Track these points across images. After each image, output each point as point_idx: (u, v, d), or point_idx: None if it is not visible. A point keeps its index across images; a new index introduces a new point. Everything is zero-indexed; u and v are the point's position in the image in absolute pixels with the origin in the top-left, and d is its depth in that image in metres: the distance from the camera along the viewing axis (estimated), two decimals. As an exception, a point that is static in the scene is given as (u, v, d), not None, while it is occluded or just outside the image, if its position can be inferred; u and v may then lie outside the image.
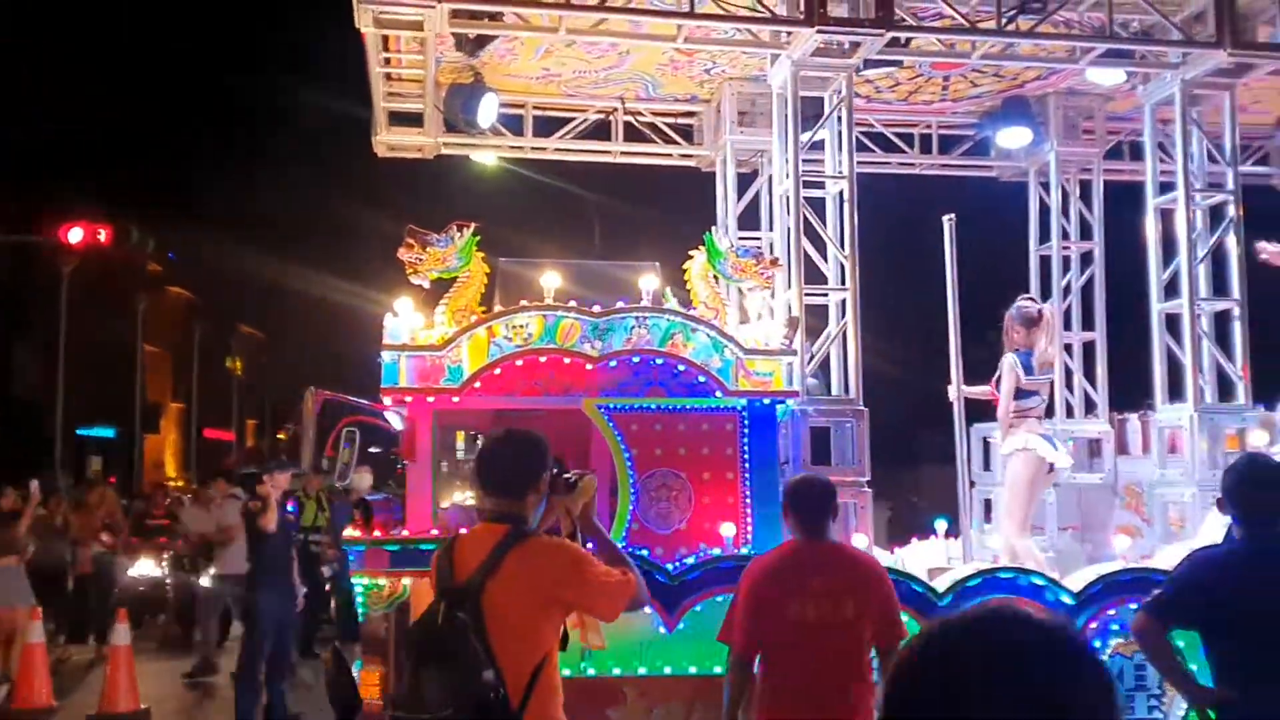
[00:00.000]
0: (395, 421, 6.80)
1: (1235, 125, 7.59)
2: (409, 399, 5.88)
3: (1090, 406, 9.15)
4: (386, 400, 6.02)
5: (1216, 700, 3.88)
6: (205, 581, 11.21)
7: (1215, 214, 7.80)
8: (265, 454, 32.79)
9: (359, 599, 5.67)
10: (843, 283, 7.04)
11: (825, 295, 7.21)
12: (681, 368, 6.07)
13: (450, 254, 6.03)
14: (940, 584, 5.97)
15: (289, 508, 9.18)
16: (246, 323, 41.25)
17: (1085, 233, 9.49)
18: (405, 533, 5.76)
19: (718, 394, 6.07)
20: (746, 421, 6.09)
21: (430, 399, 5.87)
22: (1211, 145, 7.61)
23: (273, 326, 42.28)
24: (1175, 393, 7.70)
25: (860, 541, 6.23)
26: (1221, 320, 7.62)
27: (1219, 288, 7.69)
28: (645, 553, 5.69)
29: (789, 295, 7.03)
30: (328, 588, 11.65)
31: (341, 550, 7.87)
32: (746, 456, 6.09)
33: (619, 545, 3.98)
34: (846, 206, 7.03)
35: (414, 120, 8.86)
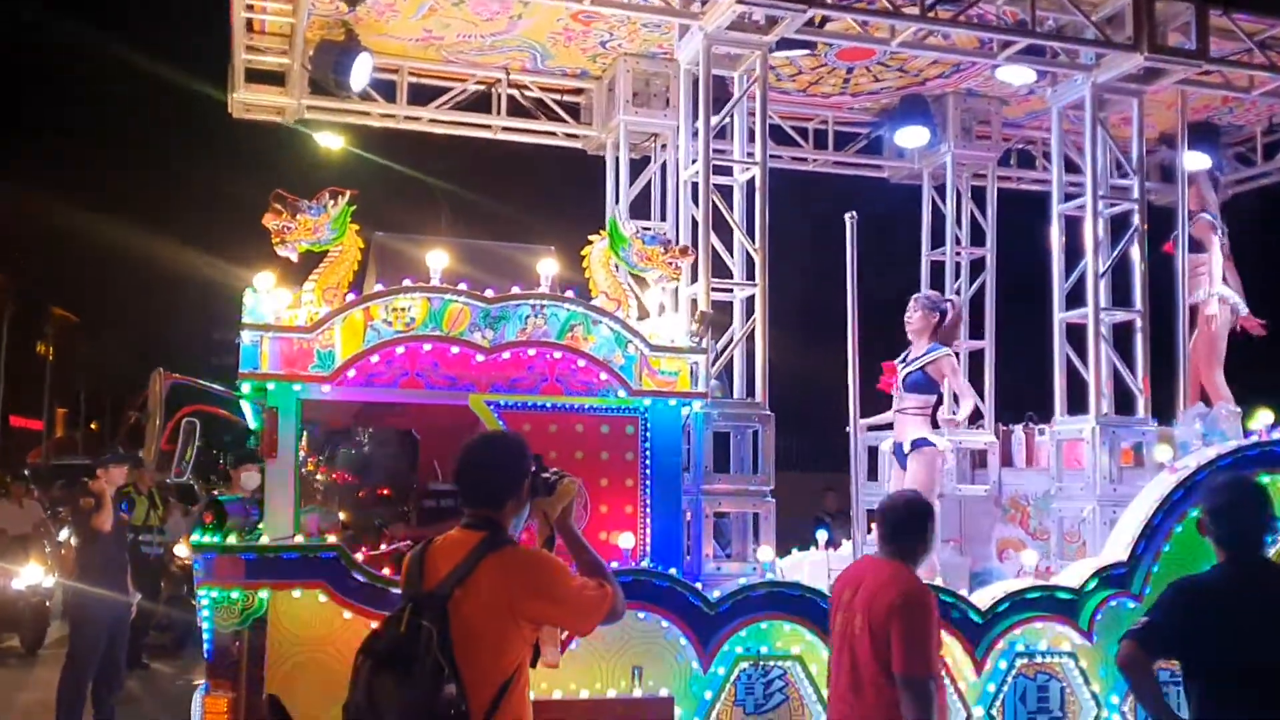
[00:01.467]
0: (249, 413, 6.06)
1: (1143, 133, 7.47)
2: (271, 386, 5.15)
3: (975, 416, 8.97)
4: (244, 386, 5.28)
5: None
6: (18, 585, 10.26)
7: (1118, 223, 7.68)
8: (80, 445, 30.75)
9: (206, 613, 4.93)
10: (750, 277, 6.59)
11: (731, 291, 6.74)
12: (581, 363, 5.51)
13: (322, 224, 5.34)
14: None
15: (121, 505, 8.39)
16: (61, 303, 38.18)
17: (977, 239, 9.35)
18: (263, 539, 5.04)
19: (619, 393, 5.55)
20: (649, 424, 5.59)
21: (296, 387, 5.16)
22: (1118, 153, 7.48)
23: (92, 306, 39.23)
24: (1072, 405, 7.54)
25: (765, 554, 5.82)
26: (1122, 332, 7.49)
27: (1120, 299, 7.56)
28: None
29: (695, 289, 6.54)
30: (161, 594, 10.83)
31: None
32: (648, 462, 5.59)
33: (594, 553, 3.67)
34: (758, 196, 6.58)
35: (276, 79, 8.05)
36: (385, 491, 7.02)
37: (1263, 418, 6.68)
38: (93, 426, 40.06)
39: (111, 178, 39.34)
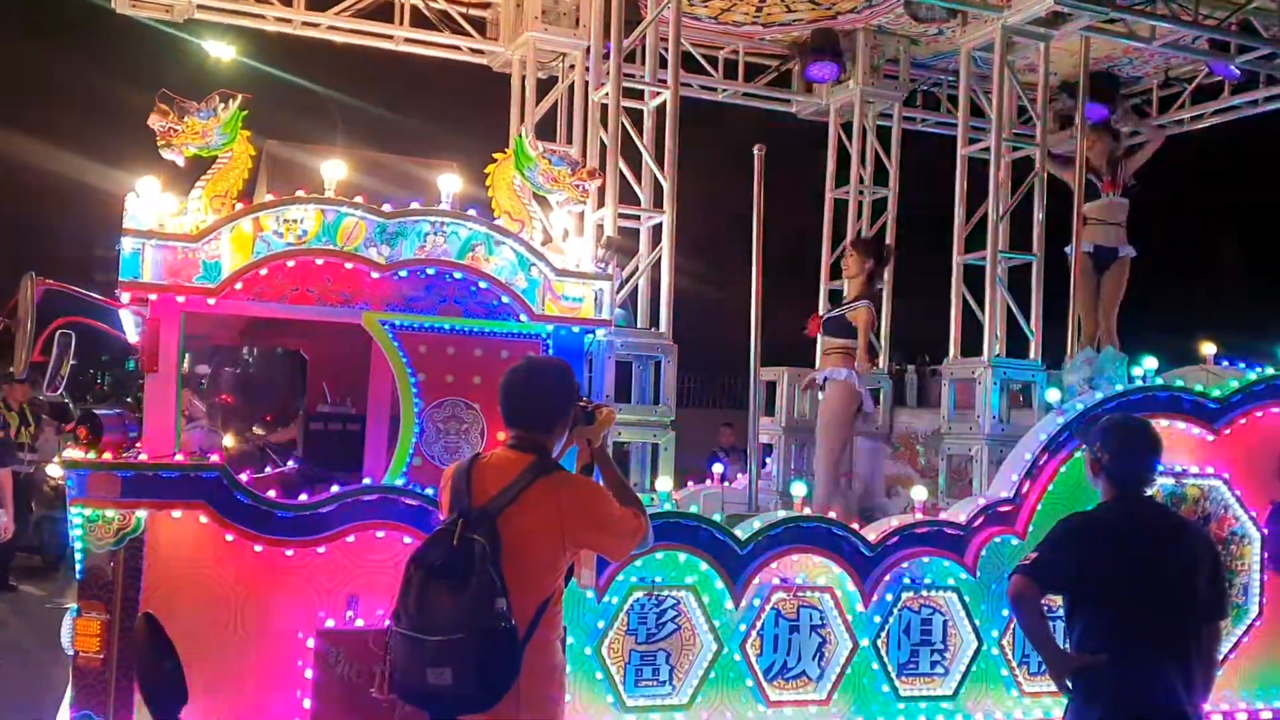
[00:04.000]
0: (130, 326, 5.77)
1: (1048, 78, 7.53)
2: (153, 297, 4.89)
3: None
4: (124, 297, 5.00)
5: (1080, 666, 3.77)
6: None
7: (1020, 168, 7.77)
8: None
9: (78, 532, 4.70)
10: (659, 205, 6.48)
11: (638, 218, 6.63)
12: (482, 285, 5.34)
13: (211, 128, 5.03)
14: (742, 532, 5.62)
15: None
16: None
17: (880, 179, 9.39)
18: (142, 456, 4.81)
19: (521, 318, 5.41)
20: (551, 351, 5.47)
21: (180, 299, 4.90)
22: (1023, 98, 7.53)
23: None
24: (966, 346, 7.65)
25: (664, 485, 5.79)
26: (1018, 276, 7.61)
27: (1018, 242, 7.66)
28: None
29: (601, 215, 6.41)
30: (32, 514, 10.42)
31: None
32: (549, 389, 5.46)
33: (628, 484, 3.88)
34: (668, 122, 6.45)
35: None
36: (269, 417, 6.82)
37: (1147, 363, 6.87)
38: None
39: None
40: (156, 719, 2.95)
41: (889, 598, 5.84)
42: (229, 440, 6.56)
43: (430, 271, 5.27)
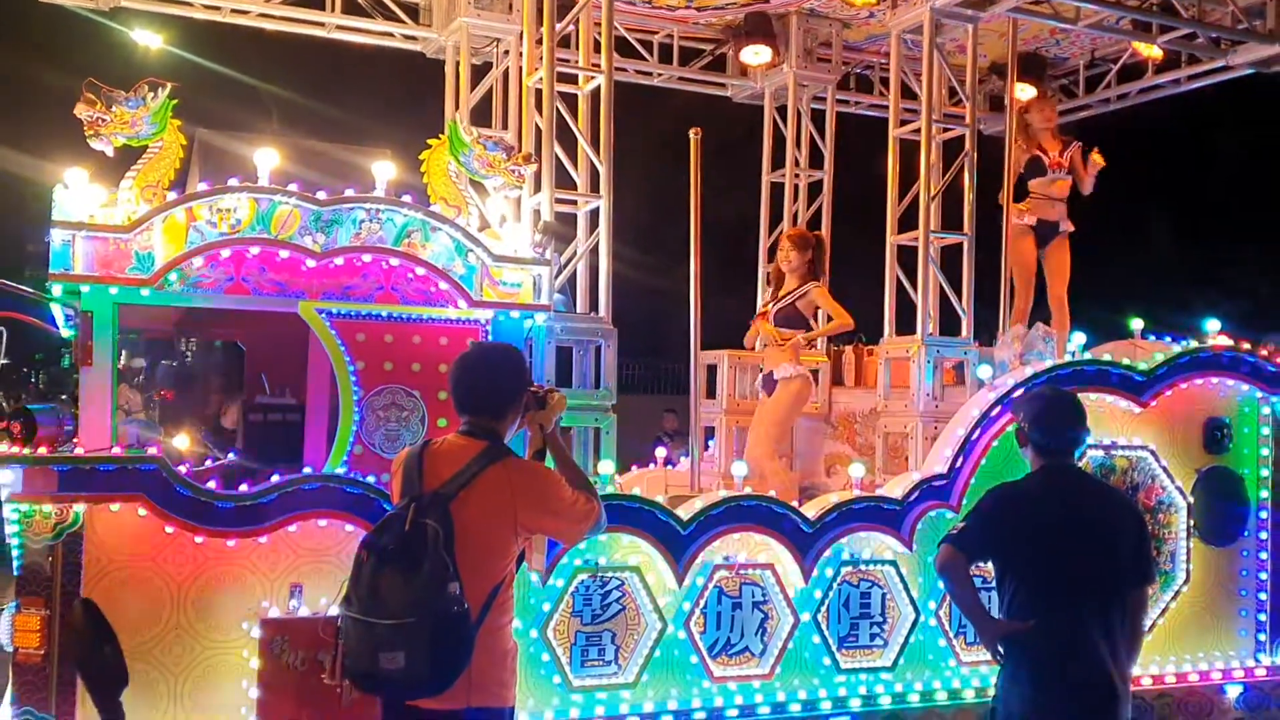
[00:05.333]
0: (61, 320, 5.70)
1: (975, 59, 7.66)
2: (85, 289, 4.84)
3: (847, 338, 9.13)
4: (56, 290, 4.94)
5: (1008, 632, 3.86)
6: None
7: (951, 149, 7.89)
8: None
9: (15, 528, 4.65)
10: (595, 189, 6.50)
11: (575, 203, 6.65)
12: (419, 271, 5.35)
13: (140, 117, 4.98)
14: (684, 512, 5.69)
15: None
16: None
17: (816, 162, 9.49)
18: (79, 450, 4.76)
19: (459, 304, 5.42)
20: (491, 337, 5.49)
21: (112, 290, 4.86)
22: (953, 79, 7.66)
23: None
24: (901, 325, 7.77)
25: (606, 469, 5.84)
26: (950, 255, 7.74)
27: (949, 222, 7.79)
28: (373, 478, 5.00)
29: (538, 200, 6.43)
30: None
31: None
32: (489, 375, 5.48)
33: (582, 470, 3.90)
34: (603, 106, 6.48)
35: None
36: (208, 410, 6.76)
37: (1075, 338, 7.04)
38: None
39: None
40: (98, 703, 2.94)
41: (829, 573, 5.94)
42: (183, 440, 6.48)
43: (366, 258, 5.26)
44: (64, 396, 12.50)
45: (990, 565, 4.28)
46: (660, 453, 8.55)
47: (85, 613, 3.04)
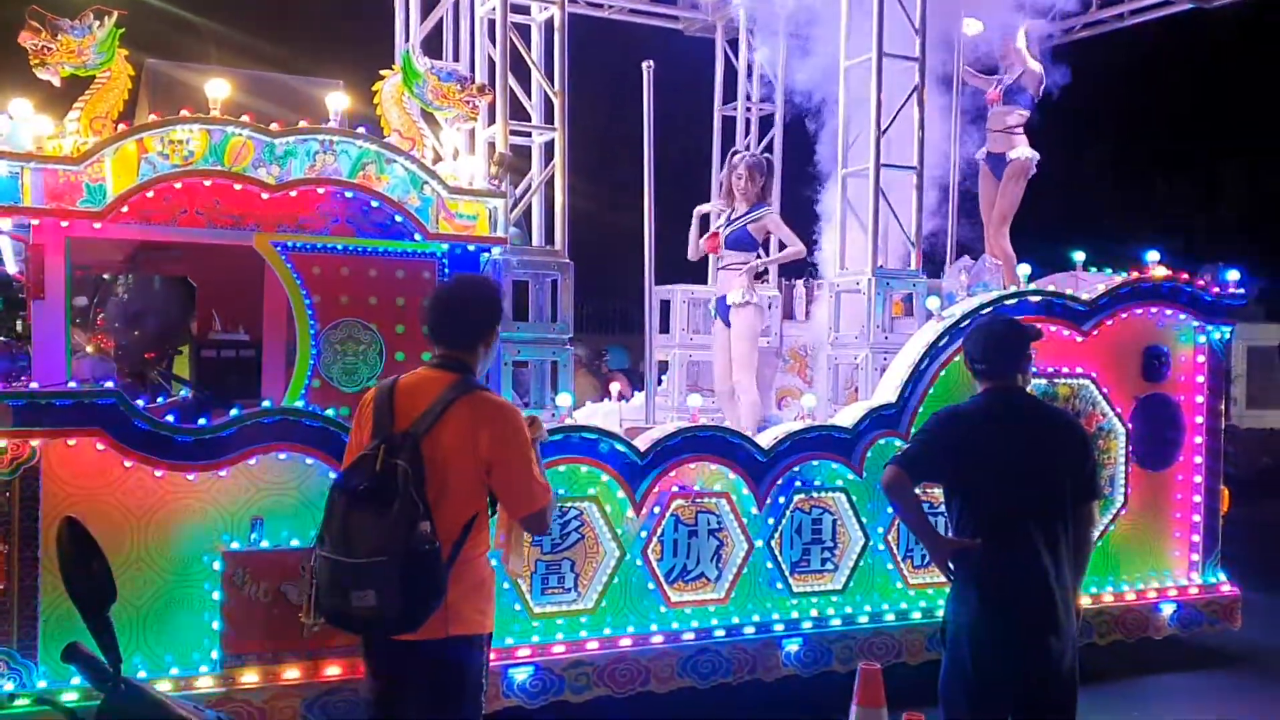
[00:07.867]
0: (8, 255, 5.61)
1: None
2: (35, 222, 4.77)
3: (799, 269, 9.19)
4: (3, 224, 4.86)
5: (955, 549, 3.97)
6: None
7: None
8: None
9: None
10: (550, 121, 6.48)
11: (529, 135, 6.62)
12: (375, 204, 5.33)
13: (87, 46, 4.89)
14: (641, 443, 5.78)
15: None
16: None
17: (768, 94, 9.48)
18: (33, 384, 4.73)
19: (416, 236, 5.41)
20: (447, 270, 5.50)
21: (64, 223, 4.79)
22: (905, 11, 7.64)
23: None
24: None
25: (564, 401, 5.90)
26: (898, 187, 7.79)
27: (900, 155, 7.83)
28: (332, 412, 5.02)
29: (492, 132, 6.39)
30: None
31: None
32: (445, 307, 5.49)
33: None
34: (557, 37, 6.43)
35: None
36: (152, 353, 6.68)
37: (1020, 269, 7.18)
38: None
39: None
40: (87, 620, 2.96)
41: (781, 500, 6.08)
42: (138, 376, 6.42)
43: (321, 191, 5.24)
44: (2, 338, 12.25)
45: (940, 492, 4.39)
46: (615, 387, 8.61)
47: (70, 530, 3.02)
